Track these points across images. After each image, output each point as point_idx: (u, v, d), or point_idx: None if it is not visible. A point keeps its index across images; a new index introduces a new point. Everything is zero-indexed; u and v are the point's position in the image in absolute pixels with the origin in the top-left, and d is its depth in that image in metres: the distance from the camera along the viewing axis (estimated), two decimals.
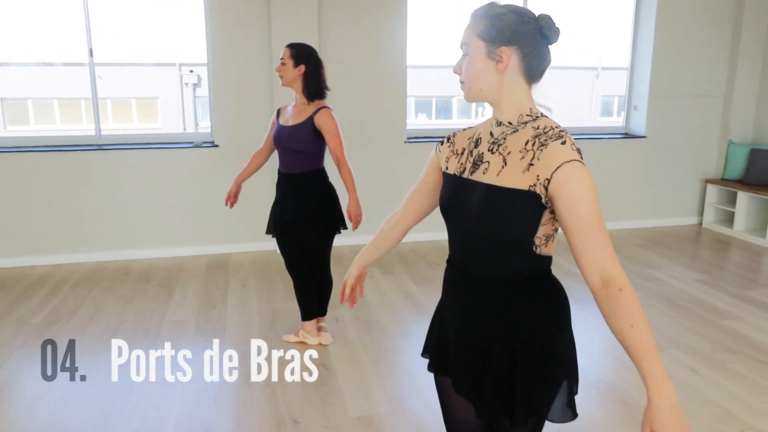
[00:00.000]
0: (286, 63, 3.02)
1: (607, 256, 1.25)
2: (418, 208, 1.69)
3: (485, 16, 1.34)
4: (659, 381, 1.16)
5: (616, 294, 1.22)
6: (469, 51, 1.36)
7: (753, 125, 6.00)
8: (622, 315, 1.20)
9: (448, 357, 1.56)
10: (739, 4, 5.72)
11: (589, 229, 1.25)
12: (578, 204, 1.25)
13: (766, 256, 5.19)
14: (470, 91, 1.40)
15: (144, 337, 3.46)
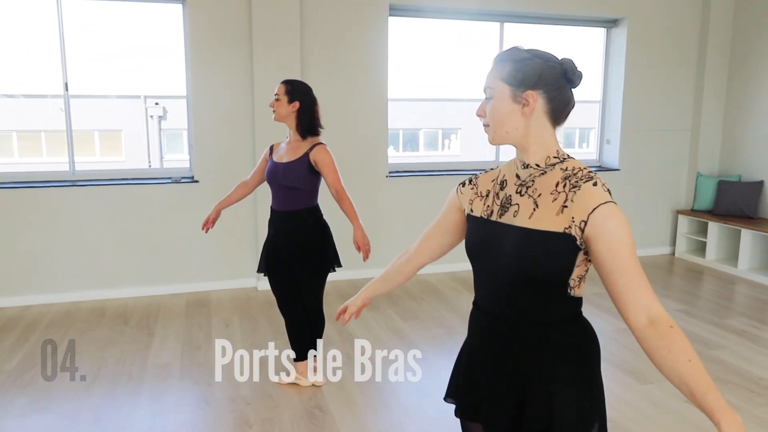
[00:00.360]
0: (281, 99, 2.99)
1: (651, 295, 1.26)
2: (434, 247, 1.67)
3: (510, 60, 1.35)
4: (729, 412, 1.12)
5: (668, 331, 1.22)
6: (494, 94, 1.36)
7: (719, 157, 6.23)
8: (679, 351, 1.19)
9: (477, 403, 1.52)
10: (702, 43, 5.99)
11: (632, 270, 1.26)
12: (620, 245, 1.26)
13: (738, 284, 5.33)
14: (496, 134, 1.40)
15: (128, 382, 3.30)
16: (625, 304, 1.26)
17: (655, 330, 1.23)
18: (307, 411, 3.01)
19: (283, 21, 4.73)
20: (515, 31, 5.79)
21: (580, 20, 5.84)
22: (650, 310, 1.24)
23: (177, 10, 4.82)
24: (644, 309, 1.24)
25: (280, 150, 3.14)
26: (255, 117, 4.81)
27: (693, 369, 1.17)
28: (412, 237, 5.56)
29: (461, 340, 3.89)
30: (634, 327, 1.26)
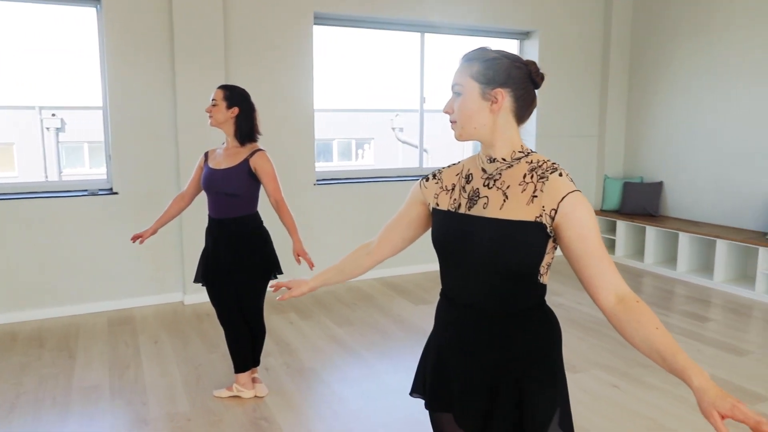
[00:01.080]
0: (218, 104, 2.91)
1: (617, 276, 1.35)
2: (396, 241, 1.69)
3: (479, 59, 1.41)
4: (697, 369, 1.21)
5: (636, 305, 1.31)
6: (463, 91, 1.41)
7: (623, 161, 6.70)
8: (647, 321, 1.28)
9: (448, 393, 1.55)
10: (605, 55, 6.44)
11: (600, 254, 1.34)
12: (588, 231, 1.34)
13: (645, 277, 5.74)
14: (463, 130, 1.45)
15: (52, 407, 3.07)
16: (596, 286, 1.35)
17: (624, 306, 1.31)
18: (252, 423, 2.93)
19: (206, 27, 4.61)
20: (435, 42, 5.98)
21: (496, 32, 6.11)
22: (618, 289, 1.33)
23: (83, 14, 4.58)
24: (613, 289, 1.33)
25: (217, 156, 3.05)
26: (178, 125, 4.64)
27: (661, 335, 1.26)
28: (342, 243, 5.64)
29: (398, 344, 3.99)
30: (604, 306, 1.34)
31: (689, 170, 5.97)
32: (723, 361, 3.71)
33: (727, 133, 5.59)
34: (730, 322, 4.49)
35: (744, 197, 5.49)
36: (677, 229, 5.66)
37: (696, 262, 5.72)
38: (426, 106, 5.98)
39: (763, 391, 3.30)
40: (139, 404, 3.11)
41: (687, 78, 5.92)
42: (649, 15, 6.28)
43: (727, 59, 5.55)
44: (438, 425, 1.61)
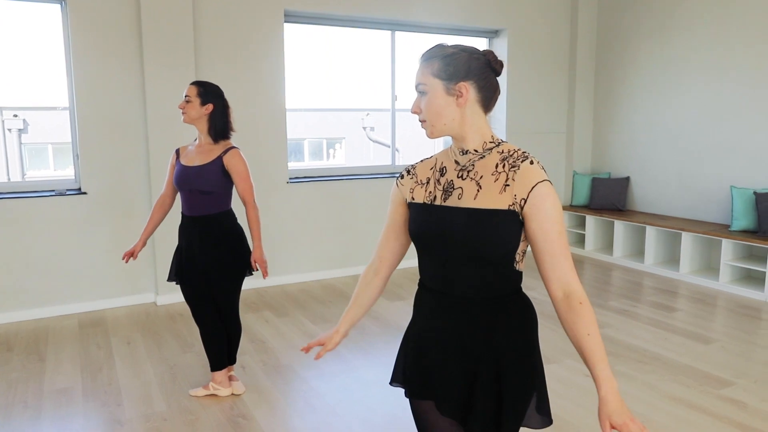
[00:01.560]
0: (192, 101, 2.89)
1: (570, 273, 1.40)
2: (396, 249, 1.67)
3: (438, 56, 1.43)
4: (609, 381, 1.32)
5: (577, 306, 1.37)
6: (427, 90, 1.43)
7: (591, 157, 6.84)
8: (582, 325, 1.35)
9: (428, 381, 1.57)
10: (572, 53, 6.57)
11: (558, 250, 1.39)
12: (551, 226, 1.38)
13: (615, 270, 5.87)
14: (434, 128, 1.46)
15: (23, 411, 3.01)
16: (549, 278, 1.41)
17: (567, 303, 1.38)
18: (230, 420, 2.92)
19: (175, 24, 4.56)
20: (406, 40, 6.01)
21: (465, 30, 6.17)
22: (568, 286, 1.39)
23: (45, 11, 4.48)
24: (563, 285, 1.39)
25: (189, 153, 3.02)
26: (148, 124, 4.58)
27: (590, 342, 1.34)
28: (313, 241, 5.64)
29: (374, 339, 4.03)
30: (552, 297, 1.41)
31: (654, 165, 6.13)
32: (690, 349, 3.83)
33: (689, 129, 5.76)
34: (696, 311, 4.62)
35: (707, 191, 5.66)
36: (644, 223, 5.80)
37: (662, 254, 5.88)
38: (397, 105, 6.02)
39: (728, 377, 3.41)
40: (113, 405, 3.07)
41: (650, 75, 6.08)
42: (614, 15, 6.42)
43: (687, 57, 5.71)
44: (419, 413, 1.63)
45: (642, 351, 3.78)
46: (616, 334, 4.09)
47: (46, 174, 15.55)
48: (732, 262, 5.13)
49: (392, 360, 3.49)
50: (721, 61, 5.44)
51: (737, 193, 5.19)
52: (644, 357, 3.68)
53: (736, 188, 5.23)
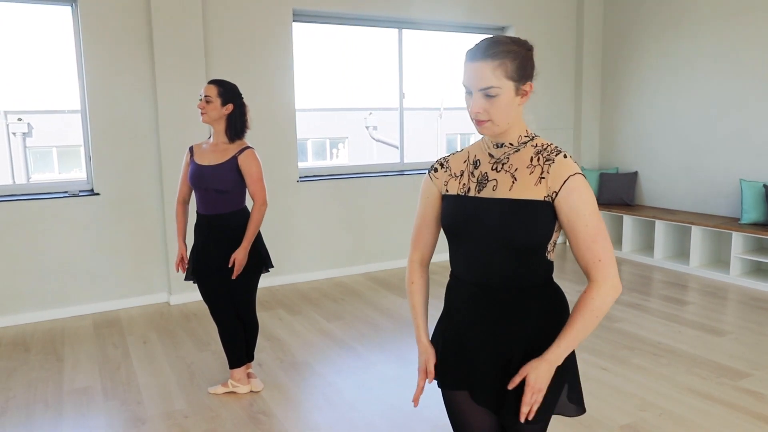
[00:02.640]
0: (213, 101, 2.90)
1: (595, 263, 1.43)
2: (431, 243, 1.67)
3: (509, 56, 1.39)
4: (556, 354, 1.43)
5: (587, 291, 1.44)
6: (499, 93, 1.39)
7: (599, 152, 6.85)
8: (581, 304, 1.44)
9: (462, 371, 1.59)
10: (579, 49, 6.57)
11: (585, 237, 1.41)
12: (580, 214, 1.40)
13: (624, 265, 5.88)
14: (499, 128, 1.44)
15: (44, 410, 3.03)
16: (580, 264, 1.46)
17: (587, 288, 1.45)
18: (250, 417, 2.93)
19: (185, 25, 4.58)
20: (413, 37, 6.03)
21: (471, 27, 6.18)
22: (589, 273, 1.45)
23: (51, 15, 4.50)
24: (587, 271, 1.45)
25: (204, 151, 3.03)
26: (159, 124, 4.60)
27: (574, 320, 1.44)
28: (324, 239, 5.66)
29: (389, 335, 4.04)
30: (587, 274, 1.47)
31: (662, 159, 6.13)
32: (704, 341, 3.84)
33: (697, 122, 5.76)
34: (708, 304, 4.63)
35: (715, 184, 5.67)
36: (653, 217, 5.81)
37: (672, 248, 5.88)
38: (405, 103, 6.03)
39: (743, 368, 3.42)
40: (134, 404, 3.09)
41: (657, 69, 6.08)
42: (620, 11, 6.42)
43: (695, 51, 5.71)
44: (453, 403, 1.64)
45: (656, 344, 3.79)
46: (629, 327, 4.09)
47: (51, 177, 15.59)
48: (742, 255, 5.13)
49: (408, 355, 3.52)
50: (729, 55, 5.45)
51: (747, 186, 5.20)
52: (659, 350, 3.69)
53: (746, 181, 5.24)
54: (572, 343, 1.43)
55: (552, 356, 1.43)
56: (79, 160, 15.32)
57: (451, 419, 1.67)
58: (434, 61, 14.86)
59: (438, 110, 17.94)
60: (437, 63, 14.99)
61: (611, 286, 1.42)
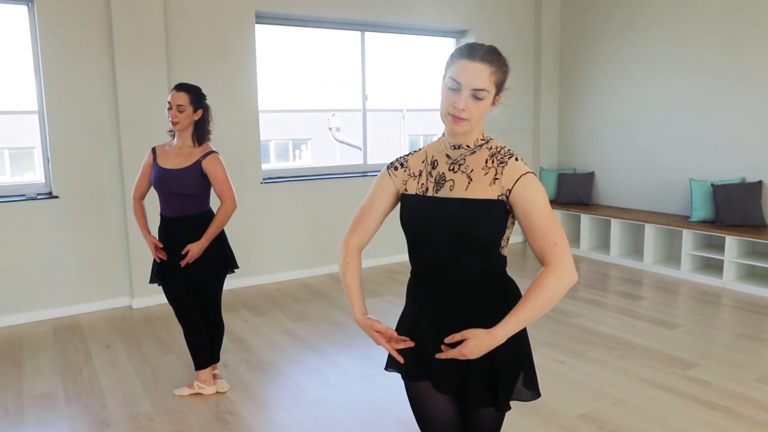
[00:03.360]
0: (186, 109, 2.89)
1: (550, 247, 1.47)
2: (372, 230, 1.71)
3: (505, 69, 1.50)
4: (503, 330, 1.45)
5: (542, 275, 1.47)
6: (486, 97, 1.47)
7: (557, 154, 7.04)
8: (534, 285, 1.47)
9: (424, 362, 1.65)
10: (537, 53, 6.75)
11: (539, 227, 1.48)
12: (532, 207, 1.48)
13: (582, 262, 6.07)
14: (472, 127, 1.53)
15: (4, 417, 2.98)
16: (534, 252, 1.51)
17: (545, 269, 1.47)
18: (217, 417, 2.95)
19: (146, 25, 4.54)
20: (375, 40, 6.09)
21: (433, 31, 6.29)
22: (543, 260, 1.49)
23: (10, 13, 4.42)
24: (540, 257, 1.49)
25: (167, 154, 3.02)
26: (120, 126, 4.55)
27: (525, 299, 1.47)
28: (288, 241, 5.68)
29: (353, 334, 4.13)
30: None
31: (617, 160, 6.36)
32: (656, 334, 4.01)
33: (649, 124, 5.99)
34: (660, 299, 4.83)
35: (667, 184, 5.90)
36: (609, 216, 6.01)
37: (627, 246, 6.10)
38: (367, 105, 6.09)
39: (692, 358, 3.59)
40: (98, 408, 3.06)
41: (611, 73, 6.30)
42: (576, 15, 6.63)
43: (647, 55, 5.94)
44: (415, 394, 1.71)
45: (611, 337, 3.94)
46: (587, 323, 4.25)
47: (3, 180, 15.11)
48: (692, 251, 5.37)
49: (372, 352, 3.58)
50: (679, 59, 5.69)
51: (696, 185, 5.43)
52: (614, 343, 3.85)
53: (695, 181, 5.48)
54: (521, 323, 1.45)
55: (499, 332, 1.44)
56: (32, 162, 14.89)
57: (414, 409, 1.73)
58: (397, 63, 14.99)
59: (401, 111, 18.07)
60: (400, 65, 15.12)
61: (567, 270, 1.45)
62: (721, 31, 5.34)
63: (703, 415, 2.90)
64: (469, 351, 1.45)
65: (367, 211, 1.70)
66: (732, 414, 2.90)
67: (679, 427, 2.79)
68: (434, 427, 1.72)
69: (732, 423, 2.82)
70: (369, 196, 1.71)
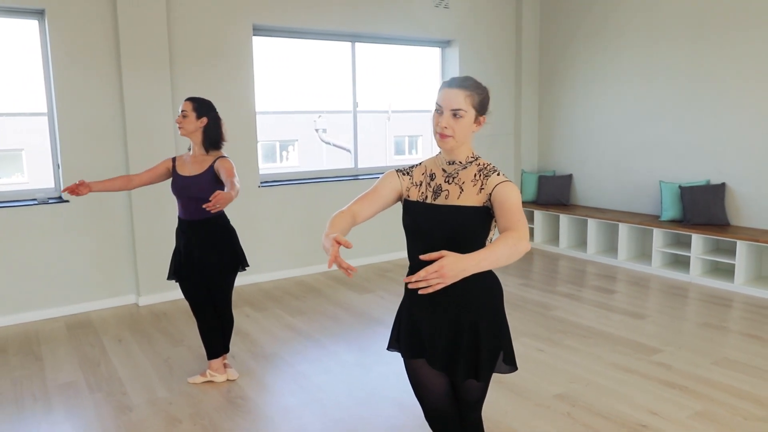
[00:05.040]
0: (188, 115, 3.21)
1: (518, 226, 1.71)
2: (368, 213, 1.96)
3: (477, 92, 1.85)
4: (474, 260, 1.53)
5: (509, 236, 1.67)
6: (464, 116, 1.83)
7: (537, 157, 7.42)
8: (500, 239, 1.67)
9: (420, 343, 1.99)
10: (518, 60, 7.12)
11: (510, 218, 1.74)
12: (506, 199, 1.79)
13: (561, 260, 6.45)
14: (457, 143, 1.86)
15: (33, 403, 3.27)
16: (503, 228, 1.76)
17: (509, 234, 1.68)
18: (229, 401, 3.26)
19: (150, 37, 4.82)
20: (365, 50, 6.42)
21: (420, 41, 6.63)
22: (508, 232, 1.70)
23: (10, 26, 4.68)
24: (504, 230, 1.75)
25: (185, 163, 3.33)
26: (127, 132, 4.83)
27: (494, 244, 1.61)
28: (285, 241, 6.01)
29: (349, 327, 4.52)
30: None
31: (593, 163, 6.75)
32: (626, 324, 4.38)
33: (623, 129, 6.39)
34: (632, 293, 5.22)
35: (639, 185, 6.31)
36: (586, 216, 6.40)
37: (603, 244, 6.49)
38: (358, 109, 6.42)
39: (657, 345, 3.97)
40: (119, 394, 3.36)
41: (587, 80, 6.69)
42: (554, 26, 7.01)
43: (620, 63, 6.34)
44: (413, 370, 2.04)
45: (586, 328, 4.31)
46: (564, 315, 4.61)
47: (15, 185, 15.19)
48: (662, 248, 5.77)
49: (367, 344, 3.95)
50: (650, 66, 6.08)
51: (665, 187, 5.83)
52: (588, 333, 4.21)
53: (665, 182, 5.88)
54: (487, 260, 1.56)
55: (470, 260, 1.52)
56: (19, 164, 14.97)
57: (412, 382, 2.07)
58: (384, 69, 15.31)
59: (386, 113, 18.37)
60: (387, 70, 15.45)
61: (525, 237, 1.68)
62: (688, 42, 5.74)
63: (664, 393, 3.27)
64: (445, 268, 1.48)
65: (371, 195, 1.97)
66: (688, 392, 3.28)
67: (641, 403, 3.16)
68: (429, 396, 2.06)
69: (688, 399, 3.19)
70: (375, 186, 1.98)
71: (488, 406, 3.16)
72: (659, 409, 3.09)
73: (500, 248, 1.60)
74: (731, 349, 3.89)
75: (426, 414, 2.09)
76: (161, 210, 4.91)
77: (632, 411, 3.07)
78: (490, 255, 1.57)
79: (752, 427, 2.90)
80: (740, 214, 5.52)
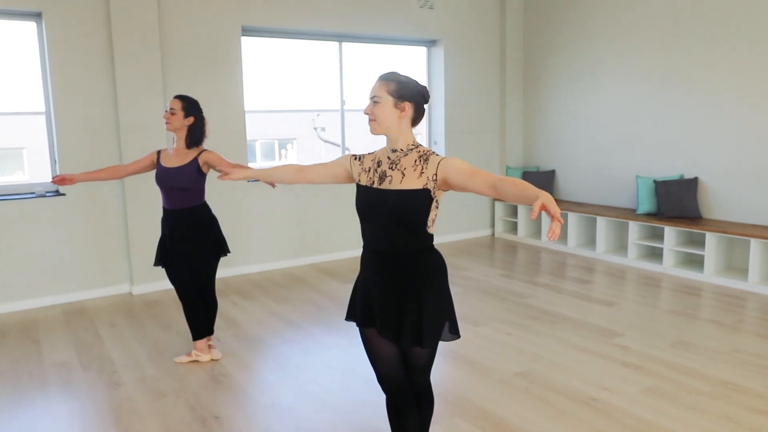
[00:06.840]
0: (177, 113, 3.43)
1: (488, 176, 1.96)
2: (318, 178, 2.37)
3: (394, 80, 2.07)
4: (541, 192, 1.71)
5: (500, 183, 1.90)
6: (380, 101, 2.06)
7: (522, 153, 7.64)
8: (509, 183, 1.87)
9: (372, 314, 2.21)
10: (503, 59, 7.34)
11: (472, 174, 1.98)
12: (457, 167, 2.00)
13: (542, 252, 6.66)
14: (379, 127, 2.09)
15: (30, 380, 3.50)
16: (482, 190, 1.97)
17: (500, 183, 1.91)
18: (213, 378, 3.49)
19: (143, 38, 5.06)
20: (352, 50, 6.64)
21: (406, 41, 6.86)
22: (490, 182, 1.94)
23: (19, 27, 4.93)
24: (490, 184, 1.94)
25: (168, 156, 3.56)
26: (120, 129, 5.07)
27: (520, 186, 1.82)
28: (273, 233, 6.26)
29: (330, 313, 4.79)
30: (493, 194, 1.94)
31: (574, 159, 6.96)
32: (594, 311, 4.60)
33: (602, 125, 6.60)
34: (607, 283, 5.43)
35: (616, 180, 6.52)
36: (567, 210, 6.61)
37: (583, 237, 6.70)
38: (346, 107, 6.65)
39: (619, 329, 4.19)
40: (110, 372, 3.60)
41: (569, 78, 6.90)
42: (538, 25, 7.23)
43: (600, 61, 6.55)
44: (366, 337, 2.27)
45: (556, 314, 4.53)
46: (538, 303, 4.83)
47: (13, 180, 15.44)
48: (638, 241, 5.98)
49: (345, 328, 4.18)
50: (628, 66, 6.30)
51: (641, 181, 6.05)
52: (557, 319, 4.43)
53: (640, 177, 6.09)
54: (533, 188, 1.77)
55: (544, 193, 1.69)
56: (20, 162, 15.23)
57: (366, 349, 2.29)
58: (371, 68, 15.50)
59: None
60: (374, 69, 15.63)
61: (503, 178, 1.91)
62: (663, 43, 5.95)
63: (617, 371, 3.49)
64: (554, 210, 1.64)
65: (325, 164, 2.34)
66: (642, 370, 3.50)
67: (595, 380, 3.38)
68: (381, 361, 2.28)
69: (639, 376, 3.41)
70: (332, 161, 2.32)
71: (452, 381, 3.39)
72: (611, 385, 3.32)
73: (520, 182, 1.82)
74: (691, 333, 4.11)
75: (378, 378, 2.32)
76: (154, 203, 5.13)
77: (585, 387, 3.30)
78: (527, 185, 1.81)
79: (694, 401, 3.12)
80: (711, 207, 5.73)
